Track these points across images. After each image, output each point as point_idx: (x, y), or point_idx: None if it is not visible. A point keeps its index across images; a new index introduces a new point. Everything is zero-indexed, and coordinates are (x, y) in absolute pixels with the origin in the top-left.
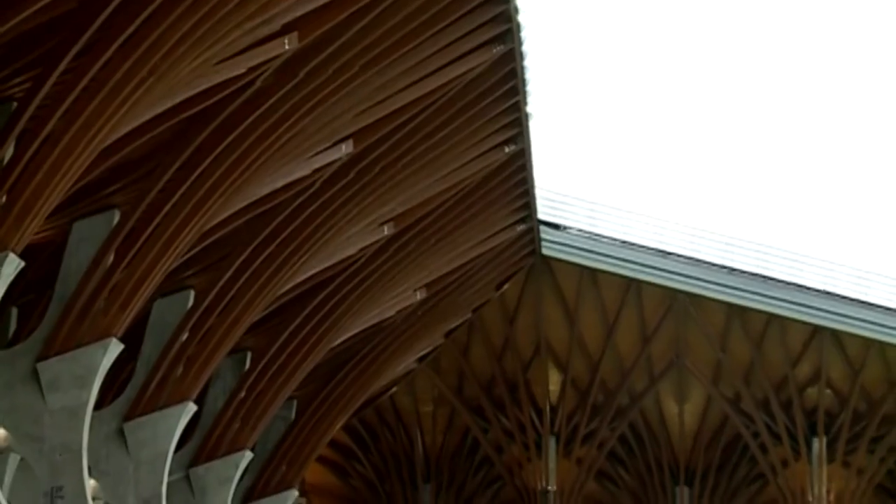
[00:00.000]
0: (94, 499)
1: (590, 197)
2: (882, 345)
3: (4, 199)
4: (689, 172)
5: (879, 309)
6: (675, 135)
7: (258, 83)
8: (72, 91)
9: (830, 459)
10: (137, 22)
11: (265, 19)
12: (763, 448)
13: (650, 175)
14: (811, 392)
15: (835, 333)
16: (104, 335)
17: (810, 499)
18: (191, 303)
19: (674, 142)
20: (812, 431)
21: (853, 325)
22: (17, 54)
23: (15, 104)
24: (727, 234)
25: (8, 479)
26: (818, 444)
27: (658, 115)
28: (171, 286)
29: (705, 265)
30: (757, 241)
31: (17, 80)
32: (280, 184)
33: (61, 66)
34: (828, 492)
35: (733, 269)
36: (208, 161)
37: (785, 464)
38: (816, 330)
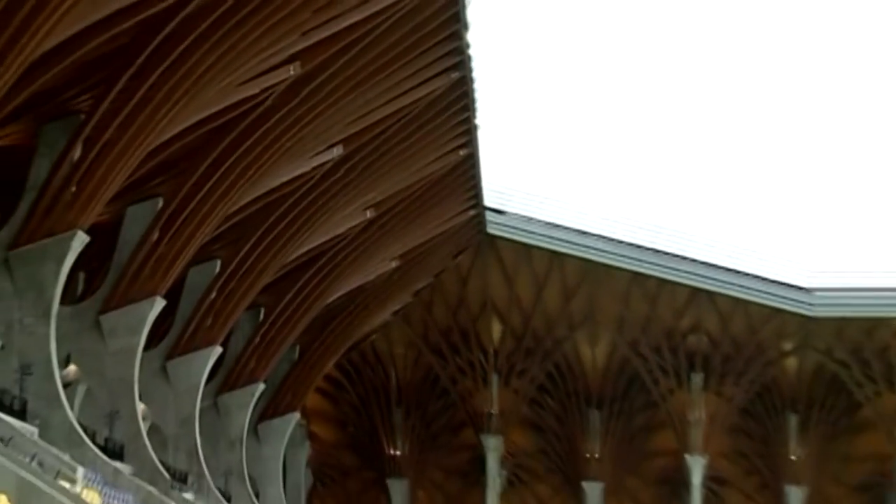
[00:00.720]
0: (143, 419)
1: (525, 189)
2: (747, 303)
3: (74, 188)
4: (604, 169)
5: (746, 276)
6: (596, 135)
7: (269, 101)
8: (125, 106)
9: (706, 389)
10: (175, 54)
11: (275, 52)
12: (655, 381)
13: (575, 171)
14: (692, 339)
15: (710, 294)
16: (151, 294)
17: (690, 420)
18: (217, 269)
19: (594, 141)
20: (692, 368)
21: (725, 288)
22: (84, 77)
23: (82, 116)
24: (631, 218)
25: (77, 403)
26: (697, 378)
27: (583, 121)
28: (202, 257)
29: (614, 242)
30: (653, 222)
31: (84, 97)
32: (284, 179)
33: (118, 87)
34: (704, 414)
35: (635, 245)
36: (230, 161)
37: (671, 393)
38: (696, 291)
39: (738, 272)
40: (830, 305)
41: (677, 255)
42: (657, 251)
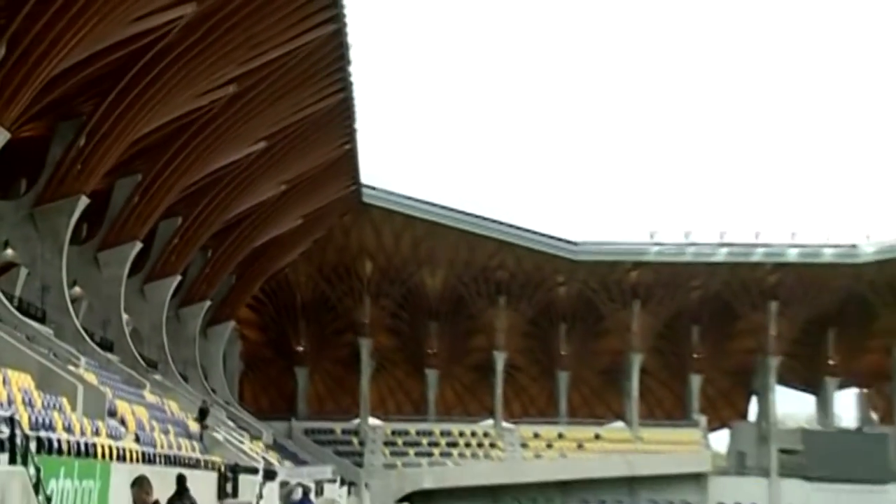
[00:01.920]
0: (127, 324)
1: (391, 170)
2: (533, 250)
3: (79, 167)
4: (456, 152)
5: (534, 232)
6: (455, 120)
7: (171, 35)
8: (29, 32)
9: (507, 307)
10: None
11: None
12: (474, 302)
13: (432, 153)
14: (498, 273)
15: (511, 245)
16: (134, 238)
17: (497, 327)
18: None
19: (451, 127)
20: (498, 293)
21: (520, 240)
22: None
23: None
24: (461, 191)
25: (81, 313)
26: (501, 300)
27: (448, 109)
28: (127, 171)
29: (450, 210)
30: (476, 195)
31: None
32: (188, 109)
33: (24, 11)
34: (506, 323)
35: (462, 211)
36: (142, 85)
37: (485, 309)
38: (502, 243)
39: (528, 230)
40: (588, 252)
41: (488, 218)
42: (476, 215)
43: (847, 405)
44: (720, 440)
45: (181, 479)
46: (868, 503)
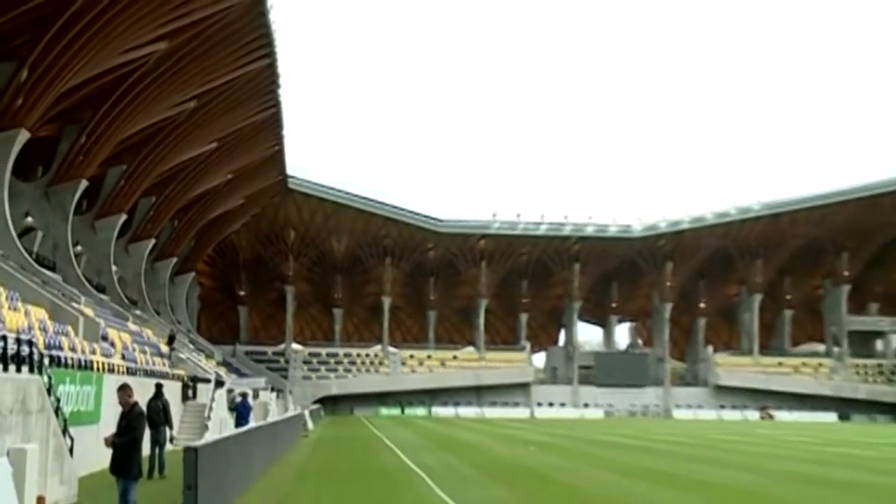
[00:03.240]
0: (115, 274)
1: (310, 161)
2: (410, 224)
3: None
4: (360, 145)
5: (412, 211)
6: (360, 117)
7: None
8: (44, 61)
9: (392, 266)
10: None
11: None
12: (367, 261)
13: (344, 145)
14: (385, 241)
15: (395, 220)
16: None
17: (384, 279)
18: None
19: (358, 122)
20: (385, 255)
21: (402, 217)
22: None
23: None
24: (362, 178)
25: (82, 264)
26: (388, 260)
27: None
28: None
29: (351, 194)
30: (373, 182)
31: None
32: (123, 60)
33: (41, 45)
34: (391, 277)
35: (360, 196)
36: (75, 32)
37: (375, 267)
38: (387, 219)
39: (407, 210)
40: (449, 226)
41: (379, 201)
42: (370, 199)
43: (623, 334)
44: (539, 359)
45: (159, 386)
46: (633, 398)
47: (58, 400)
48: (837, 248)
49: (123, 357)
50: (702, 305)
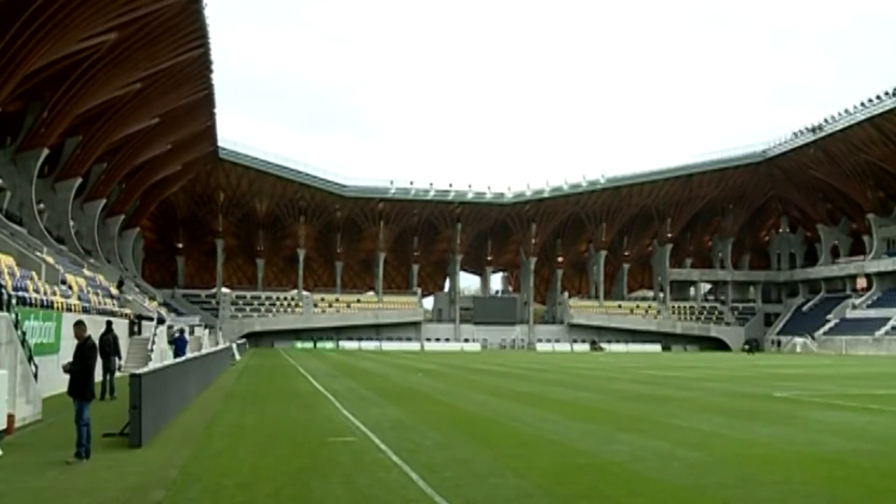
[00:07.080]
0: (72, 228)
1: (238, 134)
2: (322, 190)
3: None
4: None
5: (324, 179)
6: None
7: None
8: (12, 46)
9: (305, 223)
10: None
11: None
12: (286, 219)
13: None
14: (301, 202)
15: (309, 187)
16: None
17: (300, 235)
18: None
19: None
20: (300, 215)
21: (318, 184)
22: None
23: None
24: (284, 151)
25: (44, 220)
26: (302, 218)
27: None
28: (35, 95)
29: (271, 163)
30: (294, 153)
31: None
32: (77, 48)
33: (9, 34)
34: (306, 234)
35: (280, 165)
36: (37, 23)
37: (292, 224)
38: (303, 185)
39: (318, 176)
40: (353, 191)
41: (296, 170)
42: (287, 167)
43: (496, 282)
44: (428, 302)
45: (109, 323)
46: (504, 334)
47: (24, 333)
48: (662, 215)
49: (79, 298)
50: (559, 259)
